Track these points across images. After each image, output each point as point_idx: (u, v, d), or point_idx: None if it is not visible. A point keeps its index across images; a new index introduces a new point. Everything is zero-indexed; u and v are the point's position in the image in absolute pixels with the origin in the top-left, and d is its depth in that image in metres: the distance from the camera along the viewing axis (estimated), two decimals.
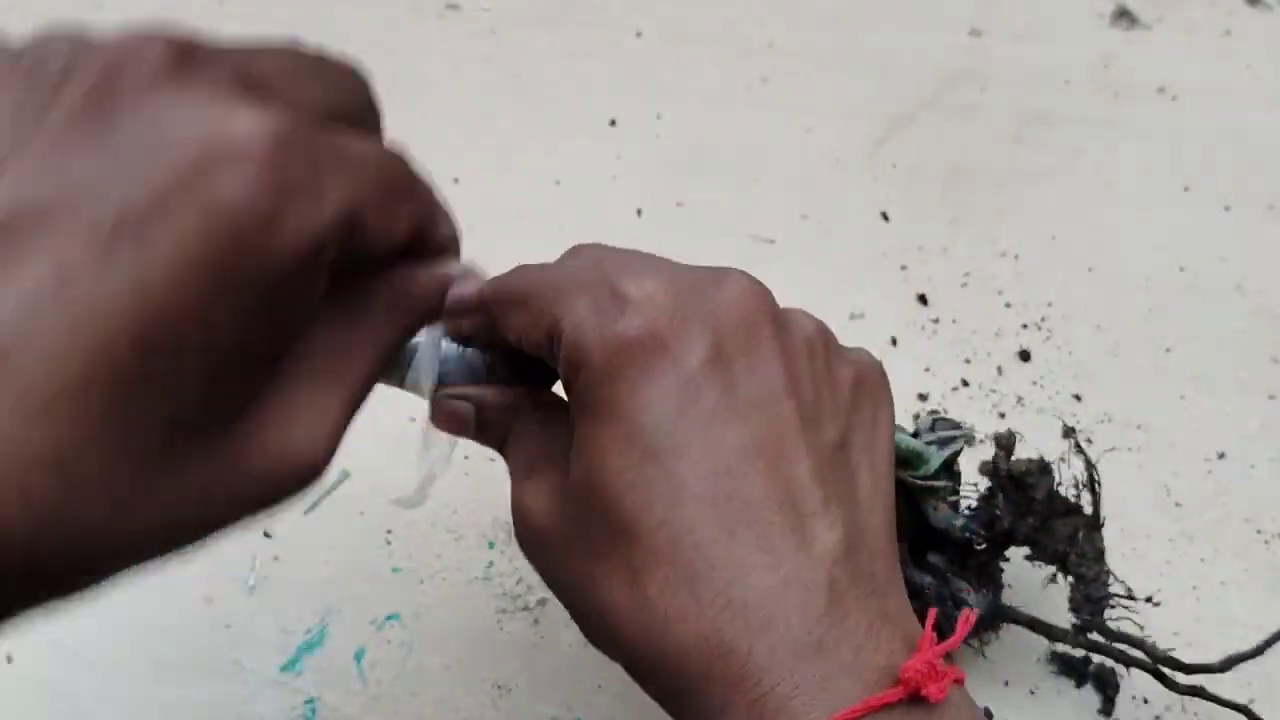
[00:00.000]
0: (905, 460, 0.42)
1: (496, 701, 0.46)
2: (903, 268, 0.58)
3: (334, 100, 0.25)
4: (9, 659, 0.46)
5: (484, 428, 0.34)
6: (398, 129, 0.70)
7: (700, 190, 0.61)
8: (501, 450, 0.34)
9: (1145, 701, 0.46)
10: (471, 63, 0.66)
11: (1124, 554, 0.48)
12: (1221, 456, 0.52)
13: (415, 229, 0.27)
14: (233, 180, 0.21)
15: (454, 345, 0.34)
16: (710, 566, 0.27)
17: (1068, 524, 0.43)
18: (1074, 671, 0.46)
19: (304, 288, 0.23)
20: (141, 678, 0.46)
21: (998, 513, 0.43)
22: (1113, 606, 0.43)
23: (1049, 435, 0.52)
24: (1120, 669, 0.46)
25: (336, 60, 0.26)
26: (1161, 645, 0.47)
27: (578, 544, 0.29)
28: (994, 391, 0.54)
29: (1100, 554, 0.43)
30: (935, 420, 0.44)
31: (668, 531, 0.27)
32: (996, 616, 0.43)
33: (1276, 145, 0.63)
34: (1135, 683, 0.46)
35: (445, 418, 0.34)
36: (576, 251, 0.34)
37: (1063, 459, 0.44)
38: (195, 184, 0.20)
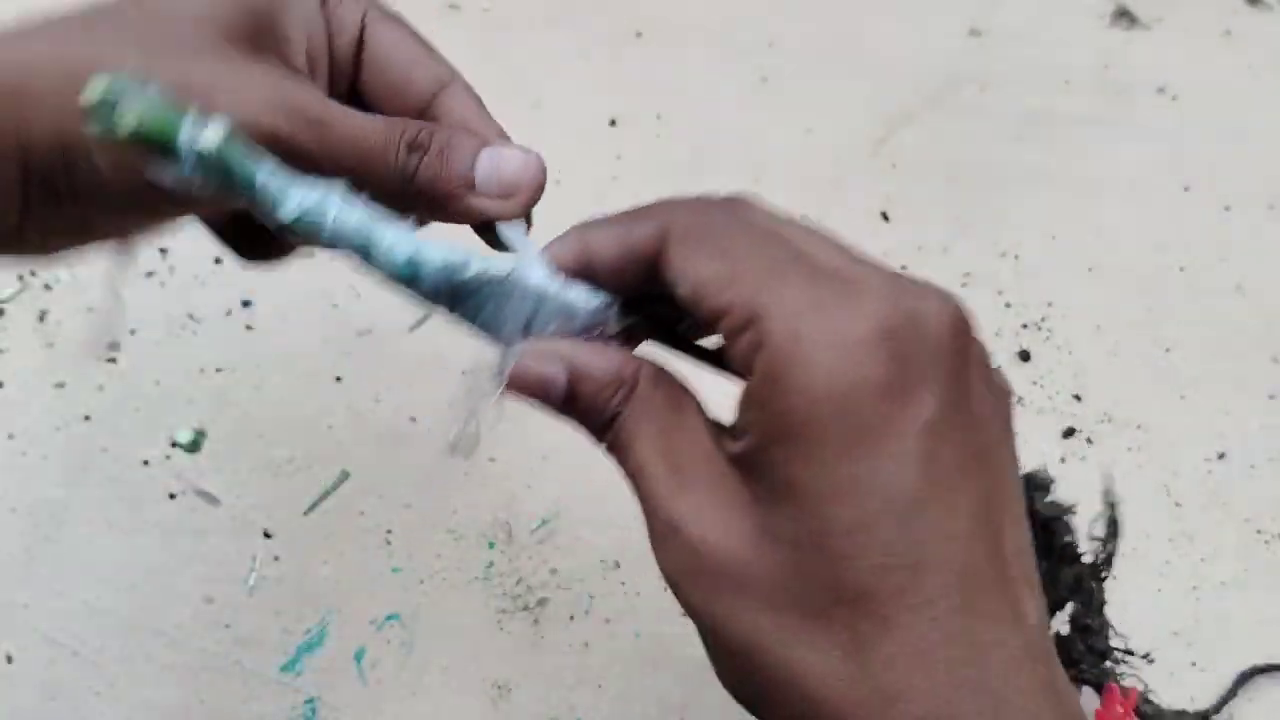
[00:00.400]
0: None
1: (496, 701, 0.46)
2: (903, 268, 0.58)
3: None
4: (9, 659, 0.46)
5: (578, 402, 0.28)
6: None
7: (700, 190, 0.61)
8: (599, 433, 0.29)
9: (1145, 702, 0.46)
10: (471, 63, 0.66)
11: (1124, 554, 0.48)
12: (1221, 456, 0.52)
13: None
14: None
15: (549, 275, 0.28)
16: (948, 642, 0.24)
17: (1072, 571, 0.42)
18: (1071, 672, 0.46)
19: None
20: (141, 678, 0.46)
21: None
22: (1115, 661, 0.42)
23: (1049, 435, 0.52)
24: (1118, 672, 0.46)
25: None
26: (1162, 644, 0.47)
27: (782, 595, 0.25)
28: None
29: (1102, 606, 0.42)
30: None
31: (906, 601, 0.24)
32: None
33: (1276, 145, 0.63)
34: (1135, 683, 0.46)
35: (523, 383, 0.28)
36: (748, 213, 0.28)
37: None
38: None
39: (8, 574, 0.48)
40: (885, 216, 0.60)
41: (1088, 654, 0.42)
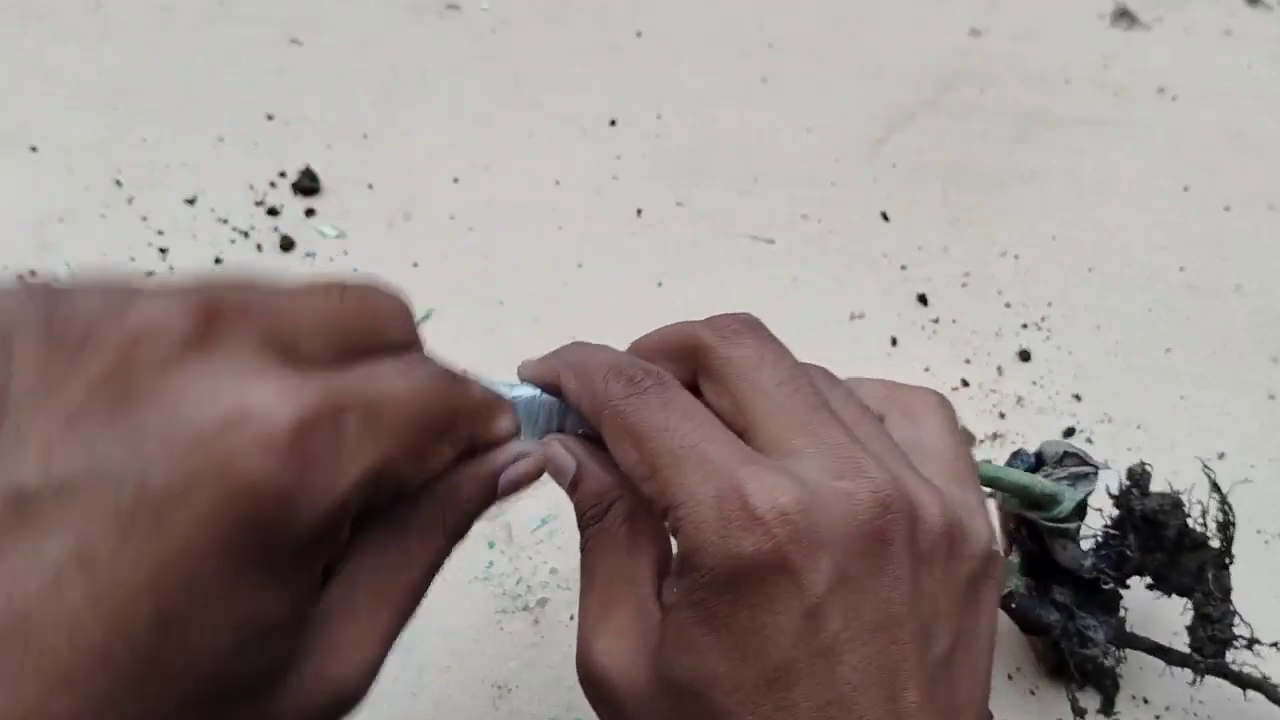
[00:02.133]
0: (1038, 503, 0.41)
1: (496, 701, 0.45)
2: (903, 268, 0.58)
3: (371, 337, 0.26)
4: None
5: (575, 495, 0.32)
6: (399, 129, 0.70)
7: (700, 190, 0.61)
8: (580, 528, 0.33)
9: (1145, 701, 0.46)
10: (471, 63, 0.66)
11: None
12: (1222, 457, 0.52)
13: (461, 449, 0.28)
14: (249, 461, 0.21)
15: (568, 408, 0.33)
16: None
17: (1194, 558, 0.42)
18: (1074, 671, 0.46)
19: (327, 546, 0.24)
20: None
21: (1128, 552, 0.42)
22: (1236, 648, 0.42)
23: (1049, 435, 0.52)
24: (1120, 670, 0.46)
25: (375, 293, 0.26)
26: (1162, 641, 0.47)
27: None
28: (994, 391, 0.54)
29: (1227, 592, 0.42)
30: (1064, 454, 0.43)
31: None
32: (1120, 643, 0.43)
33: (1276, 145, 0.63)
34: (1135, 683, 0.46)
35: (548, 462, 0.32)
36: (666, 393, 0.30)
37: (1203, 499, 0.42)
38: (212, 465, 0.20)
39: None
40: (885, 216, 0.60)
41: (1208, 643, 0.42)
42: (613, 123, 0.64)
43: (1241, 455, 0.52)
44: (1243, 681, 0.42)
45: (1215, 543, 0.42)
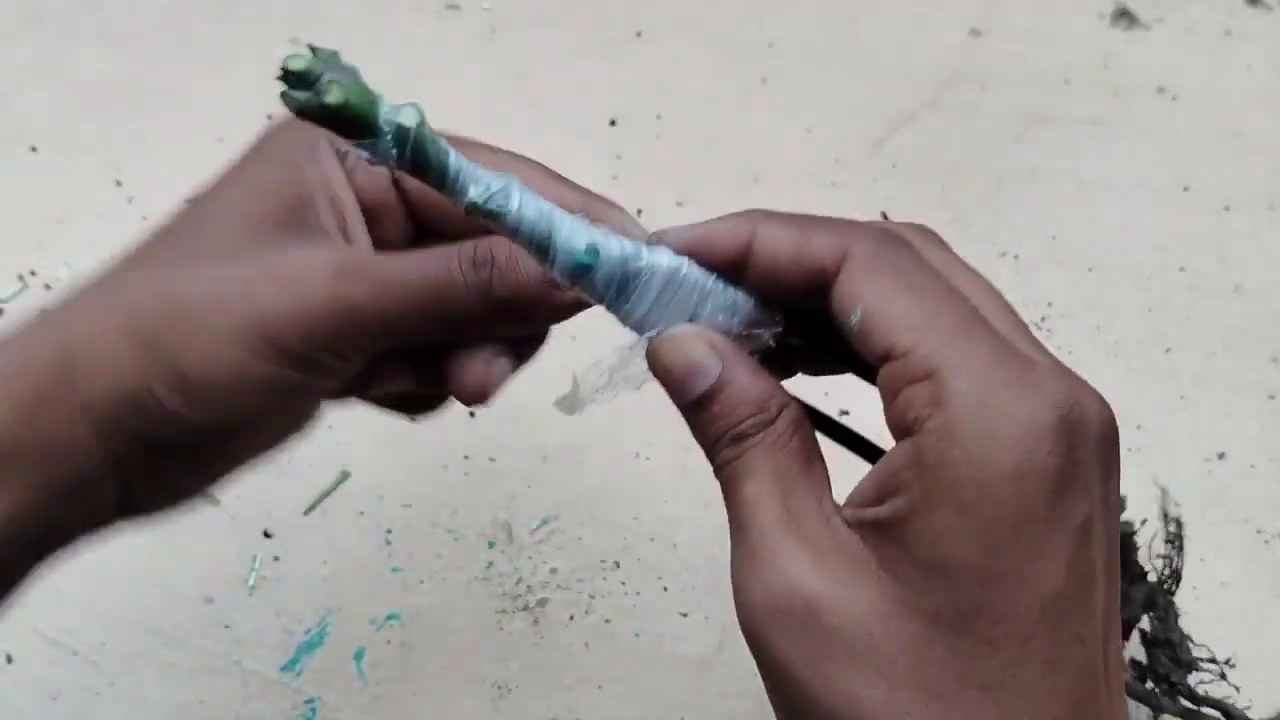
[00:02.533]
0: None
1: (496, 701, 0.45)
2: None
3: None
4: (9, 659, 0.46)
5: (712, 407, 0.27)
6: None
7: (700, 190, 0.61)
8: (715, 449, 0.28)
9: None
10: (471, 63, 0.66)
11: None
12: (1221, 457, 0.52)
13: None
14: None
15: (707, 276, 0.28)
16: None
17: (1143, 590, 0.42)
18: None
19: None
20: (141, 678, 0.46)
21: None
22: (1200, 669, 0.42)
23: None
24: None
25: None
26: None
27: (904, 670, 0.24)
28: None
29: (1176, 619, 0.42)
30: None
31: (1032, 698, 0.24)
32: None
33: (1276, 145, 0.63)
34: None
35: (672, 362, 0.27)
36: (932, 255, 0.27)
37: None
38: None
39: None
40: (885, 216, 0.60)
41: (1175, 668, 0.41)
42: (613, 123, 0.64)
43: (1241, 455, 0.52)
44: (1208, 701, 0.42)
45: (1153, 577, 0.43)
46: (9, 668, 0.46)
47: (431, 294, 0.28)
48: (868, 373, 0.28)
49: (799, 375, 0.31)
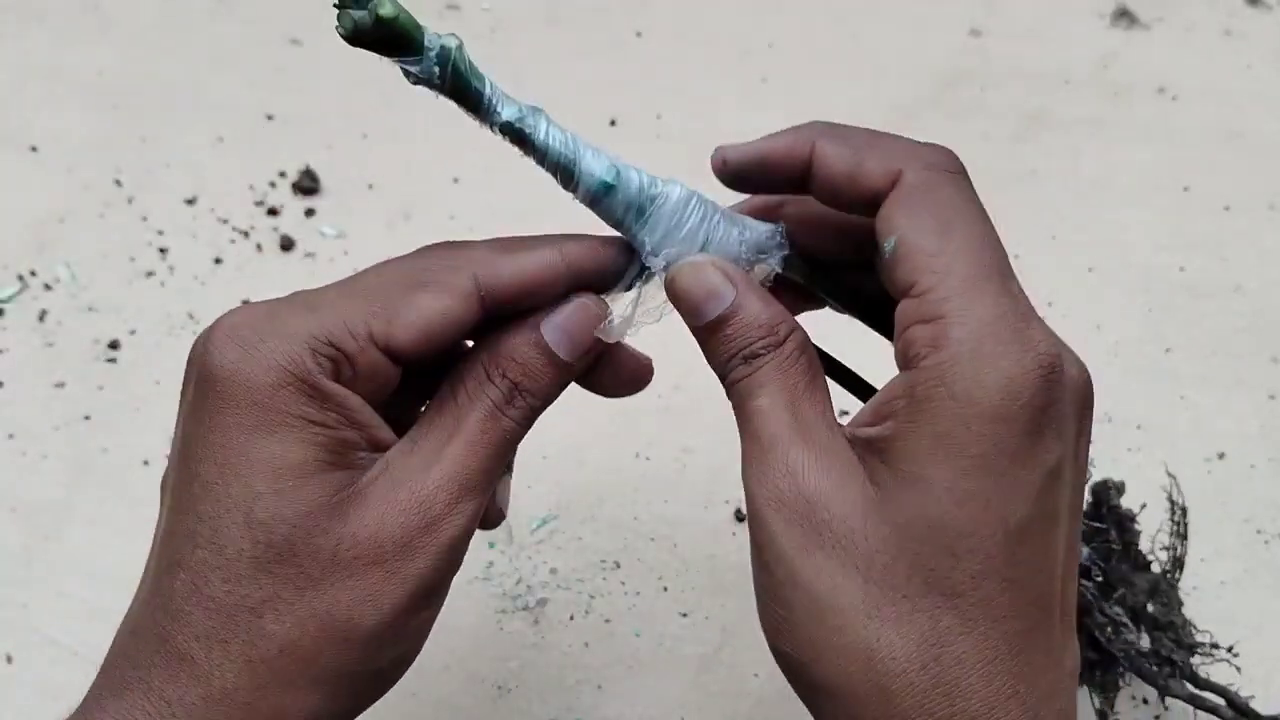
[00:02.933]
0: None
1: (496, 701, 0.45)
2: None
3: None
4: (9, 659, 0.46)
5: (725, 329, 0.30)
6: (399, 129, 0.70)
7: (700, 190, 0.61)
8: (728, 368, 0.30)
9: (1145, 702, 0.46)
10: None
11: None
12: (1221, 457, 0.52)
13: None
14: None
15: (716, 207, 0.31)
16: (1012, 657, 0.26)
17: (1147, 578, 0.43)
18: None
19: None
20: None
21: (1113, 545, 0.42)
22: (1202, 653, 0.43)
23: None
24: (1120, 671, 0.46)
25: None
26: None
27: (878, 567, 0.26)
28: None
29: (1180, 604, 0.43)
30: None
31: (990, 611, 0.26)
32: (1111, 669, 0.43)
33: (1276, 145, 0.63)
34: (1135, 682, 0.46)
35: (691, 285, 0.30)
36: (968, 189, 0.30)
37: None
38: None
39: (8, 574, 0.48)
40: None
41: (1178, 649, 0.42)
42: (613, 123, 0.64)
43: (1241, 455, 0.52)
44: (1209, 686, 0.43)
45: (1157, 567, 0.44)
46: (9, 668, 0.46)
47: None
48: (866, 316, 0.32)
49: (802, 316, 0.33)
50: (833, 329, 0.35)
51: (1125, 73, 0.66)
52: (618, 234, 0.31)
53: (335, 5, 0.27)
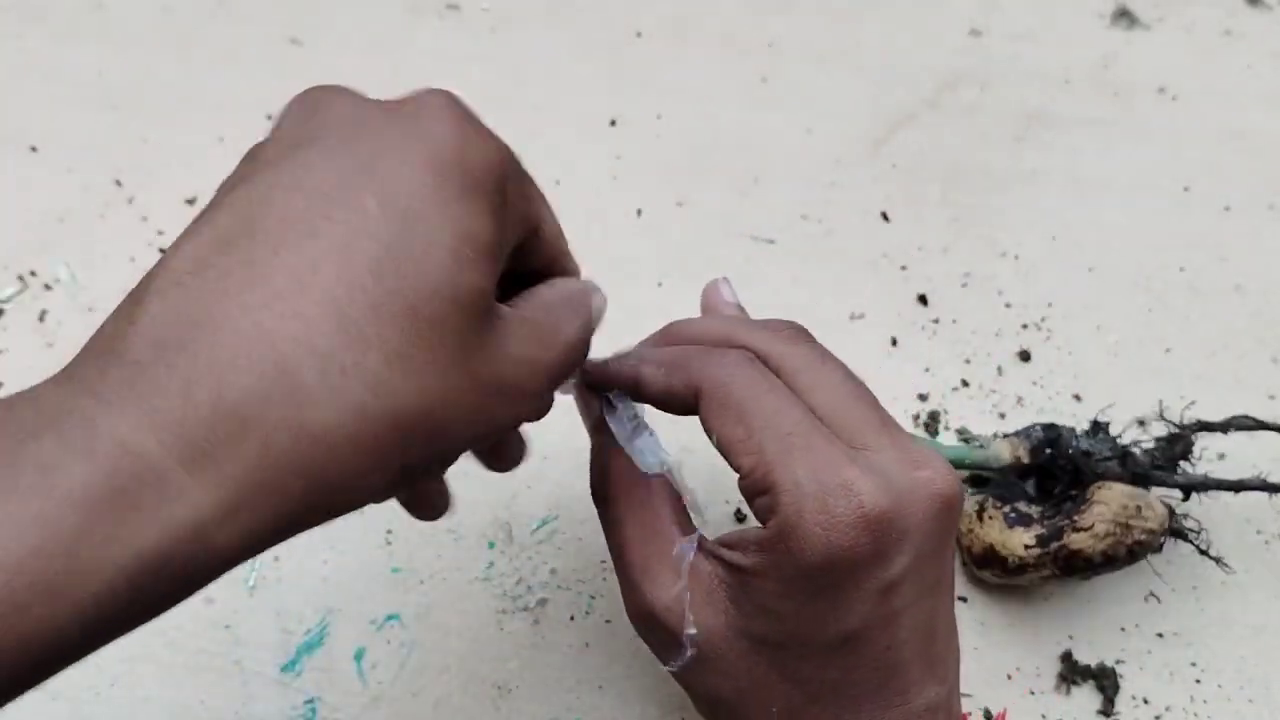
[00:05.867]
0: (979, 466, 0.47)
1: (496, 701, 0.46)
2: (903, 268, 0.58)
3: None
4: None
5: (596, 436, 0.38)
6: None
7: (700, 190, 0.61)
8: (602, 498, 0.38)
9: (1145, 702, 0.46)
10: (471, 63, 0.66)
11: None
12: (1221, 457, 0.52)
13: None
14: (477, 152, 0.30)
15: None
16: (856, 708, 0.33)
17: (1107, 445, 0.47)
18: (1074, 671, 0.46)
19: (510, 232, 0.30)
20: (141, 678, 0.46)
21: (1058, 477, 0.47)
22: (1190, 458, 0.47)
23: None
24: (1120, 671, 0.46)
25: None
26: (1160, 644, 0.47)
27: (732, 667, 0.34)
28: (994, 391, 0.54)
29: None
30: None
31: (834, 688, 0.33)
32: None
33: (1276, 145, 0.63)
34: (1135, 682, 0.46)
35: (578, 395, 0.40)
36: (767, 374, 0.34)
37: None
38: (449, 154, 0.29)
39: None
40: (885, 216, 0.60)
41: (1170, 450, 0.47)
42: (613, 123, 0.64)
43: (1242, 455, 0.52)
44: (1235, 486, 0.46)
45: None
46: None
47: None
48: None
49: None
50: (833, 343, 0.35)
51: (1125, 73, 0.66)
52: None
53: None
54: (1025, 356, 0.55)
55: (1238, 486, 0.46)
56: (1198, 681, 0.46)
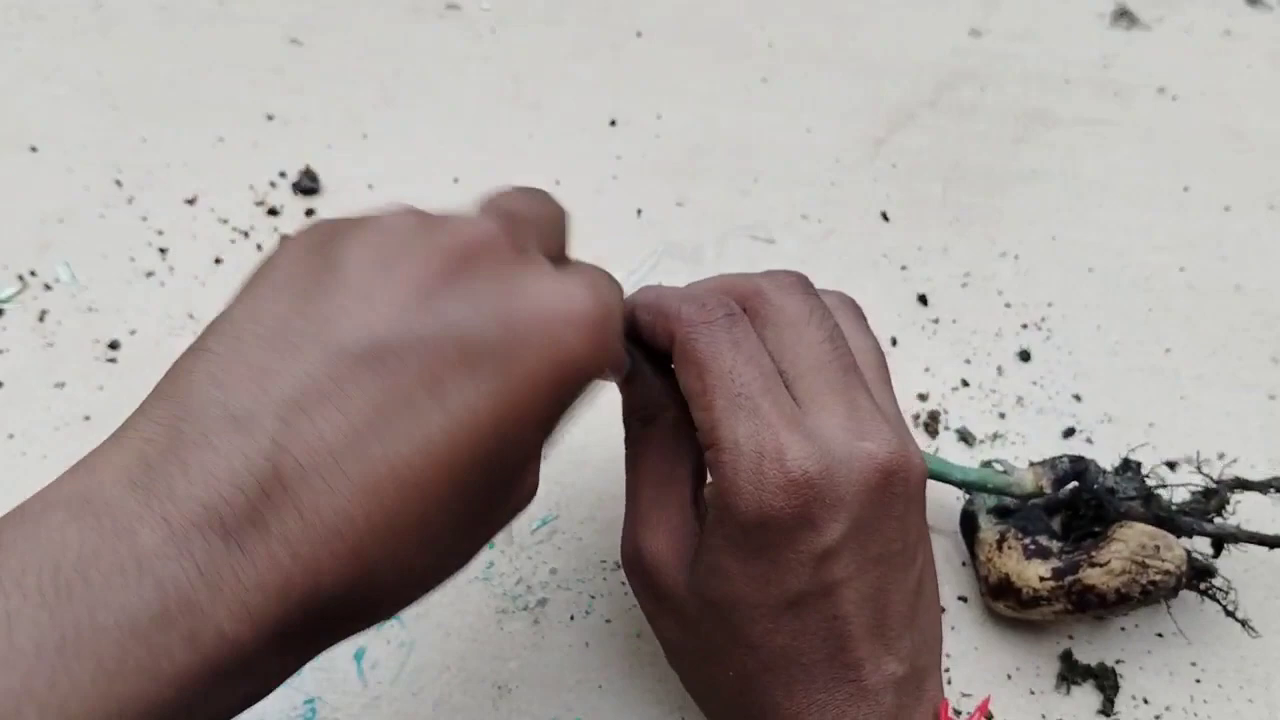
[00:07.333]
0: (1000, 491, 0.46)
1: (496, 701, 0.46)
2: (903, 268, 0.58)
3: (560, 236, 0.33)
4: None
5: (629, 392, 0.37)
6: (399, 129, 0.70)
7: (700, 190, 0.61)
8: (628, 423, 0.37)
9: (1145, 702, 0.46)
10: (471, 63, 0.66)
11: None
12: (1221, 457, 0.52)
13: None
14: (577, 339, 0.28)
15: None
16: (808, 679, 0.34)
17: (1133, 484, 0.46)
18: (1074, 671, 0.46)
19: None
20: None
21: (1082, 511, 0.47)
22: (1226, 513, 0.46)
23: (1049, 435, 0.52)
24: (1120, 671, 0.46)
25: (550, 198, 0.34)
26: (1160, 644, 0.47)
27: (692, 635, 0.36)
28: (994, 391, 0.54)
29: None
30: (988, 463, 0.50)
31: (784, 655, 0.34)
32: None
33: (1276, 145, 0.63)
34: (1135, 682, 0.46)
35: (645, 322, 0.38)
36: (741, 333, 0.34)
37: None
38: (549, 335, 0.27)
39: None
40: (885, 216, 0.60)
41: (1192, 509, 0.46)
42: (613, 123, 0.64)
43: (1242, 455, 0.52)
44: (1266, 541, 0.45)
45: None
46: None
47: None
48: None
49: None
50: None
51: (1125, 73, 0.66)
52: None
53: None
54: (1025, 356, 0.55)
55: (1274, 542, 0.45)
56: (1198, 681, 0.46)
